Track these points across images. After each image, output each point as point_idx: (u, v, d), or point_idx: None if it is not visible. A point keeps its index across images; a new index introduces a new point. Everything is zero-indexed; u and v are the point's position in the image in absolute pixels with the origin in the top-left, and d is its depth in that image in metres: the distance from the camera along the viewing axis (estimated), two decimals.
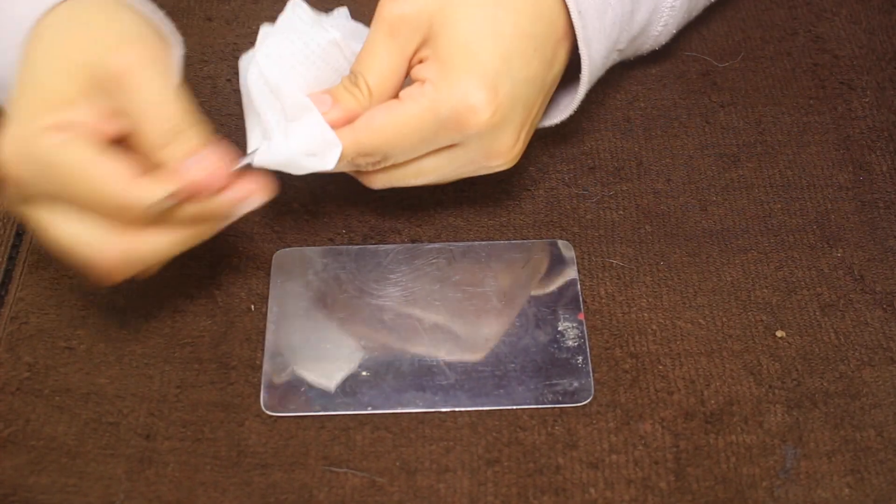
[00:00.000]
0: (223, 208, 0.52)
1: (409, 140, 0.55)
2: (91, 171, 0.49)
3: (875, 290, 0.61)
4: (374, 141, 0.54)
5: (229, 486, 0.54)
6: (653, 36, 0.66)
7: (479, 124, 0.54)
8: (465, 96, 0.53)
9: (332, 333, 0.59)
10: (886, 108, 0.70)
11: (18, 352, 0.59)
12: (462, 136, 0.55)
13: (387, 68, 0.55)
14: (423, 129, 0.54)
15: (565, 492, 0.54)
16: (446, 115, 0.54)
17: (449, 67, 0.54)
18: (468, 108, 0.53)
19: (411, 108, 0.54)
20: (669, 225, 0.64)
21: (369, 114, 0.55)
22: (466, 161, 0.57)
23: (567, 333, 0.59)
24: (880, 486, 0.54)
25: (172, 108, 0.50)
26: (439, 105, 0.54)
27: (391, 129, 0.54)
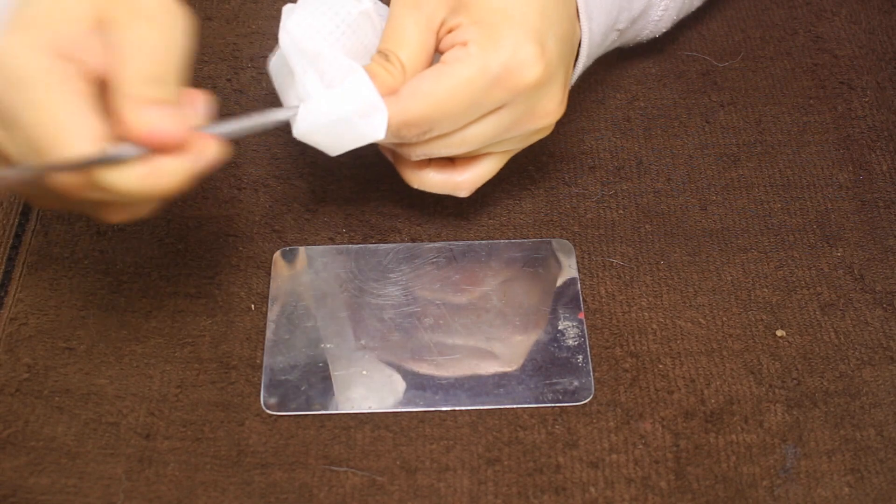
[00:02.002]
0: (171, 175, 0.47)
1: (460, 104, 0.53)
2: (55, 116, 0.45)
3: (875, 290, 0.61)
4: (423, 109, 0.53)
5: (229, 486, 0.54)
6: (652, 21, 0.66)
7: (531, 79, 0.53)
8: (514, 52, 0.52)
9: (332, 333, 0.59)
10: (886, 108, 0.70)
11: (18, 353, 0.59)
12: (512, 95, 0.53)
13: (416, 42, 0.53)
14: (474, 92, 0.52)
15: (565, 491, 0.54)
16: (497, 74, 0.52)
17: (492, 26, 0.52)
18: (519, 64, 0.52)
19: (461, 71, 0.52)
20: (669, 224, 0.64)
21: (414, 81, 0.53)
22: (512, 124, 0.55)
23: (567, 332, 0.59)
24: (880, 486, 0.54)
25: (162, 58, 0.47)
26: (489, 64, 0.52)
27: (441, 94, 0.52)
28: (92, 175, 0.46)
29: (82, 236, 0.63)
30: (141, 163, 0.46)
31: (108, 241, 0.63)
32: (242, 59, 0.72)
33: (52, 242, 0.63)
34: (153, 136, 0.46)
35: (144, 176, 0.46)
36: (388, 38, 0.54)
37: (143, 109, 0.46)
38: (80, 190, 0.46)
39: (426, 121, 0.53)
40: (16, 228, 0.64)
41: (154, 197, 0.48)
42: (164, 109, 0.46)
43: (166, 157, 0.46)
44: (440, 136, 0.55)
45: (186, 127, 0.47)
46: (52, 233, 0.63)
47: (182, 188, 0.47)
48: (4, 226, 0.64)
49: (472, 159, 0.59)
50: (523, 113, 0.55)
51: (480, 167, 0.59)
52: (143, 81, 0.46)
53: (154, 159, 0.46)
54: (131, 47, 0.46)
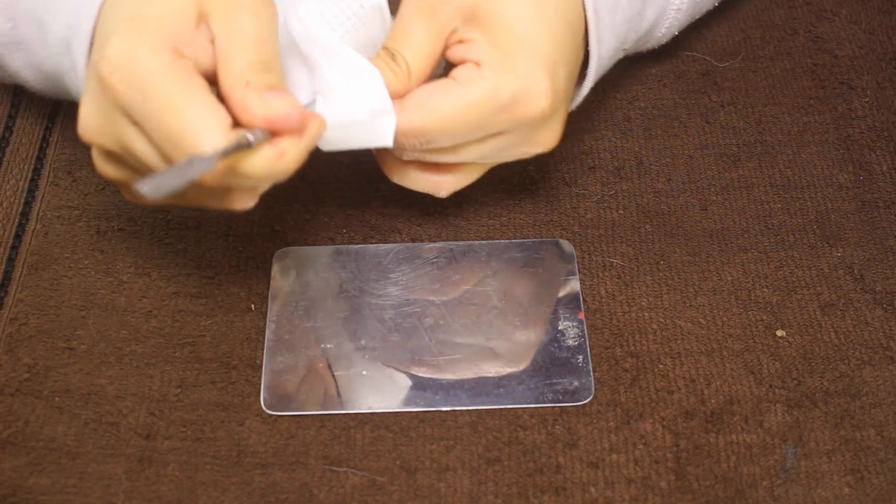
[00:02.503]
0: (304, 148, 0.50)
1: (465, 125, 0.52)
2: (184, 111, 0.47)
3: (875, 290, 0.61)
4: (427, 122, 0.52)
5: (230, 486, 0.54)
6: (656, 37, 0.66)
7: (538, 112, 0.52)
8: (526, 82, 0.52)
9: (332, 333, 0.59)
10: (886, 108, 0.70)
11: (18, 353, 0.58)
12: (516, 124, 0.53)
13: (424, 47, 0.53)
14: (481, 115, 0.52)
15: (565, 491, 0.54)
16: (506, 102, 0.52)
17: (507, 52, 0.52)
18: (529, 95, 0.52)
19: (472, 92, 0.52)
20: (669, 224, 0.64)
21: (423, 94, 0.53)
22: (508, 147, 0.55)
23: (567, 333, 0.59)
24: (880, 486, 0.54)
25: (267, 47, 0.49)
26: (500, 91, 0.52)
27: (448, 111, 0.52)
28: (229, 163, 0.47)
29: (82, 236, 0.63)
30: (268, 146, 0.48)
31: (108, 241, 0.63)
32: None
33: (52, 242, 0.63)
34: (281, 120, 0.48)
35: (274, 158, 0.48)
36: (396, 36, 0.53)
37: (266, 96, 0.47)
38: (219, 178, 0.48)
39: (428, 134, 0.53)
40: (16, 228, 0.64)
41: (279, 177, 0.50)
42: (282, 95, 0.48)
43: (288, 139, 0.48)
44: (436, 149, 0.55)
45: (302, 110, 0.48)
46: (52, 233, 0.63)
47: (299, 166, 0.50)
48: (4, 226, 0.64)
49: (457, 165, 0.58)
50: (522, 140, 0.55)
51: (463, 173, 0.58)
52: (256, 69, 0.48)
53: (279, 142, 0.48)
54: (239, 39, 0.48)
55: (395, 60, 0.53)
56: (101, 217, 0.64)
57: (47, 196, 0.65)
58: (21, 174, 0.66)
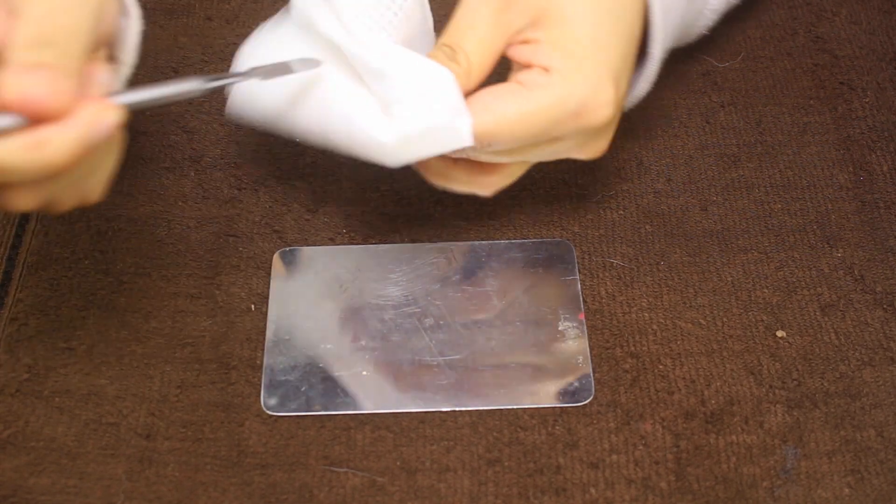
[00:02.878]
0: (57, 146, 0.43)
1: (530, 130, 0.51)
2: None
3: (875, 290, 0.61)
4: (493, 127, 0.51)
5: (230, 486, 0.54)
6: (690, 35, 0.65)
7: (602, 121, 0.52)
8: (595, 91, 0.51)
9: (332, 333, 0.59)
10: (886, 108, 0.70)
11: (18, 353, 0.58)
12: (577, 131, 0.53)
13: (489, 44, 0.51)
14: (548, 121, 0.51)
15: (566, 492, 0.54)
16: (574, 109, 0.51)
17: (577, 59, 0.51)
18: (597, 104, 0.51)
19: (541, 98, 0.51)
20: (670, 225, 0.64)
21: (489, 97, 0.51)
22: (563, 151, 0.55)
23: (567, 333, 0.59)
24: (880, 486, 0.54)
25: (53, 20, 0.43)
26: (569, 98, 0.51)
27: (516, 116, 0.51)
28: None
29: (82, 236, 0.63)
30: (21, 134, 0.42)
31: (108, 241, 0.63)
32: None
33: (52, 242, 0.63)
34: (25, 101, 0.42)
35: (26, 147, 0.42)
36: (458, 31, 0.52)
37: (23, 74, 0.42)
38: None
39: (493, 137, 0.52)
40: (16, 228, 0.63)
41: (42, 171, 0.43)
42: (42, 73, 0.42)
43: (52, 126, 0.42)
44: (494, 151, 0.54)
45: (67, 92, 0.43)
46: (51, 233, 0.63)
47: (74, 160, 0.43)
48: (4, 226, 0.64)
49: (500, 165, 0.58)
50: (577, 145, 0.55)
51: (508, 170, 0.58)
52: (27, 46, 0.42)
53: (37, 130, 0.42)
54: (23, 13, 0.43)
55: (454, 59, 0.51)
56: (101, 217, 0.64)
57: None
58: None
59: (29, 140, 0.42)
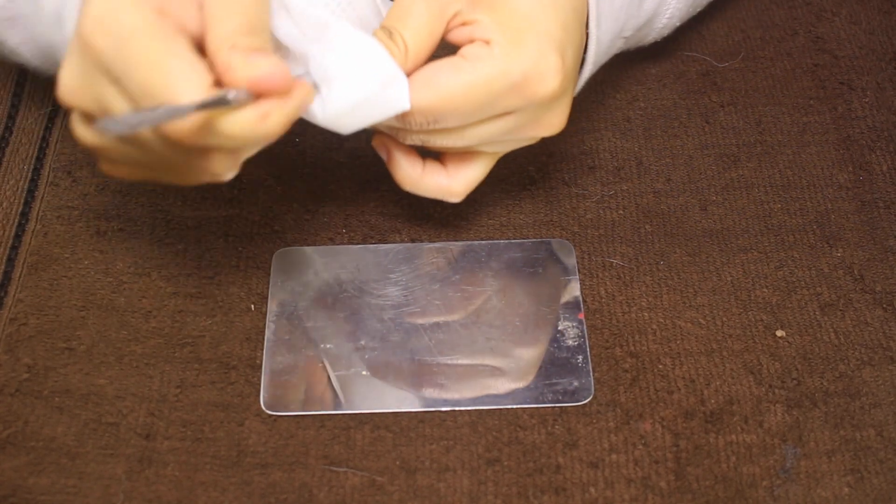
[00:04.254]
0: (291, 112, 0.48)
1: (474, 103, 0.52)
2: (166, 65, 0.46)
3: (875, 290, 0.61)
4: (435, 100, 0.52)
5: (229, 486, 0.54)
6: (657, 28, 0.66)
7: (549, 91, 0.52)
8: (537, 61, 0.51)
9: (332, 333, 0.59)
10: (886, 108, 0.70)
11: (18, 353, 0.59)
12: (525, 103, 0.53)
13: (425, 28, 0.52)
14: (491, 93, 0.52)
15: (565, 491, 0.54)
16: (516, 80, 0.51)
17: (518, 31, 0.52)
18: (540, 74, 0.52)
19: (482, 69, 0.51)
20: (669, 224, 0.64)
21: (430, 71, 0.52)
22: (516, 129, 0.55)
23: (567, 333, 0.59)
24: (880, 486, 0.54)
25: (254, 10, 0.48)
26: (511, 68, 0.51)
27: (457, 89, 0.51)
28: (208, 120, 0.46)
29: (82, 236, 0.63)
30: (251, 107, 0.47)
31: (108, 241, 0.63)
32: None
33: (52, 242, 0.63)
34: (264, 81, 0.46)
35: (256, 119, 0.47)
36: (394, 16, 0.53)
37: (250, 57, 0.46)
38: (194, 136, 0.47)
39: (436, 112, 0.52)
40: (16, 228, 0.64)
41: (261, 141, 0.49)
42: (267, 56, 0.47)
43: (272, 101, 0.47)
44: (442, 129, 0.54)
45: (288, 73, 0.47)
46: (51, 233, 0.63)
47: (283, 131, 0.48)
48: (4, 226, 0.64)
49: (463, 163, 0.58)
50: (529, 121, 0.55)
51: (471, 171, 0.58)
52: (243, 32, 0.47)
53: (262, 104, 0.47)
54: (226, 3, 0.47)
55: (392, 39, 0.52)
56: (101, 217, 0.64)
57: (47, 196, 0.65)
58: (21, 174, 0.66)
59: (258, 112, 0.47)
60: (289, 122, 0.48)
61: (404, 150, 0.58)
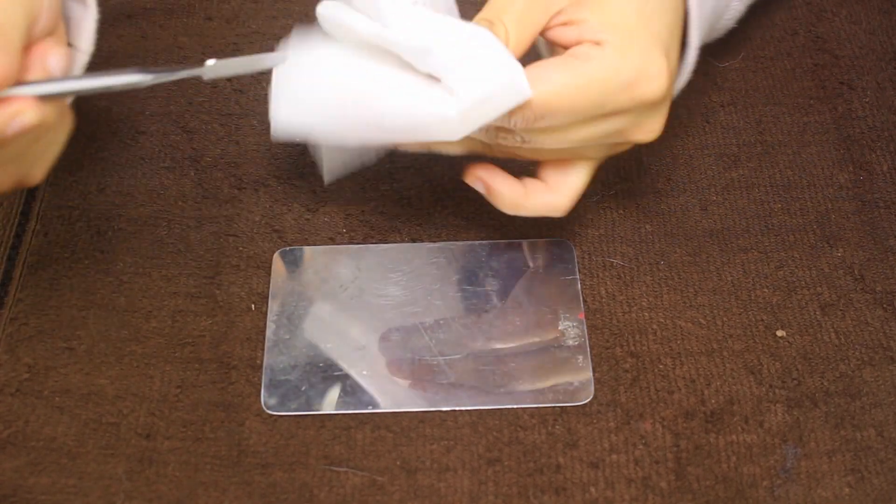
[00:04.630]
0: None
1: (585, 101, 0.51)
2: None
3: (875, 290, 0.61)
4: (547, 96, 0.51)
5: (230, 486, 0.54)
6: (718, 29, 0.65)
7: (656, 92, 0.52)
8: (647, 62, 0.51)
9: (332, 333, 0.59)
10: (886, 108, 0.70)
11: (18, 353, 0.58)
12: (633, 105, 0.52)
13: (527, 20, 0.52)
14: (603, 93, 0.51)
15: (566, 491, 0.54)
16: (627, 80, 0.51)
17: (628, 32, 0.52)
18: (649, 76, 0.52)
19: (595, 68, 0.51)
20: (670, 224, 0.64)
21: (541, 68, 0.51)
22: (617, 131, 0.54)
23: (567, 333, 0.59)
24: (880, 486, 0.54)
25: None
26: (623, 68, 0.51)
27: (571, 86, 0.51)
28: None
29: (82, 236, 0.63)
30: None
31: (108, 241, 0.63)
32: None
33: (52, 242, 0.63)
34: None
35: None
36: (495, 6, 0.52)
37: None
38: None
39: (545, 109, 0.51)
40: (16, 228, 0.64)
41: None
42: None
43: None
44: (546, 128, 0.53)
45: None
46: (52, 233, 0.63)
47: None
48: (4, 226, 0.64)
49: (563, 174, 0.57)
50: (633, 124, 0.54)
51: (573, 180, 0.57)
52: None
53: None
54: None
55: (494, 30, 0.51)
56: (101, 217, 0.64)
57: (47, 196, 0.65)
58: None
59: None
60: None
61: (501, 177, 0.57)
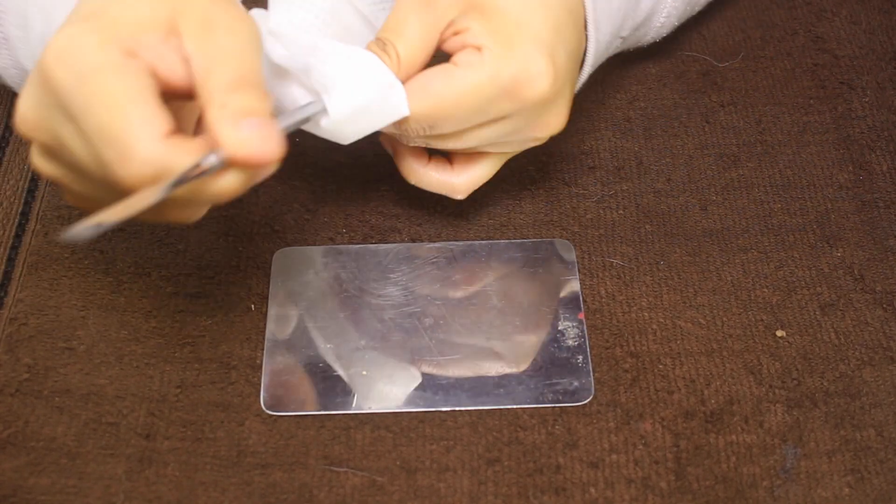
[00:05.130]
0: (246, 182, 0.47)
1: (466, 109, 0.53)
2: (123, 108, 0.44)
3: (875, 290, 0.61)
4: (428, 107, 0.52)
5: (229, 486, 0.54)
6: (654, 27, 0.66)
7: (539, 94, 0.53)
8: (526, 65, 0.52)
9: (332, 333, 0.59)
10: (886, 108, 0.70)
11: (18, 353, 0.58)
12: (518, 107, 0.53)
13: (418, 39, 0.53)
14: (482, 99, 0.52)
15: (565, 491, 0.54)
16: (506, 85, 0.52)
17: (506, 37, 0.52)
18: (529, 77, 0.52)
19: (473, 75, 0.52)
20: (669, 224, 0.64)
21: (423, 79, 0.53)
22: (513, 132, 0.55)
23: (567, 333, 0.59)
24: (880, 486, 0.54)
25: (245, 64, 0.46)
26: (500, 73, 0.52)
27: (449, 95, 0.52)
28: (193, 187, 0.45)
29: None
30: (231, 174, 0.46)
31: (108, 241, 0.63)
32: None
33: (52, 242, 0.63)
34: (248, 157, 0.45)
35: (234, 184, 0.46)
36: (390, 27, 0.53)
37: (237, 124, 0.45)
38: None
39: (430, 119, 0.53)
40: (16, 228, 0.64)
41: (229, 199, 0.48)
42: (257, 124, 0.45)
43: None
44: (440, 135, 0.55)
45: (279, 143, 0.46)
46: (52, 233, 0.63)
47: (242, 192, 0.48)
48: (4, 226, 0.64)
49: (470, 161, 0.59)
50: (525, 124, 0.55)
51: (477, 170, 0.59)
52: (233, 88, 0.45)
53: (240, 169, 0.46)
54: (215, 57, 0.46)
55: (385, 50, 0.52)
56: None
57: (47, 196, 0.65)
58: (21, 174, 0.66)
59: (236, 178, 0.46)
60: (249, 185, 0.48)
61: (410, 147, 0.58)
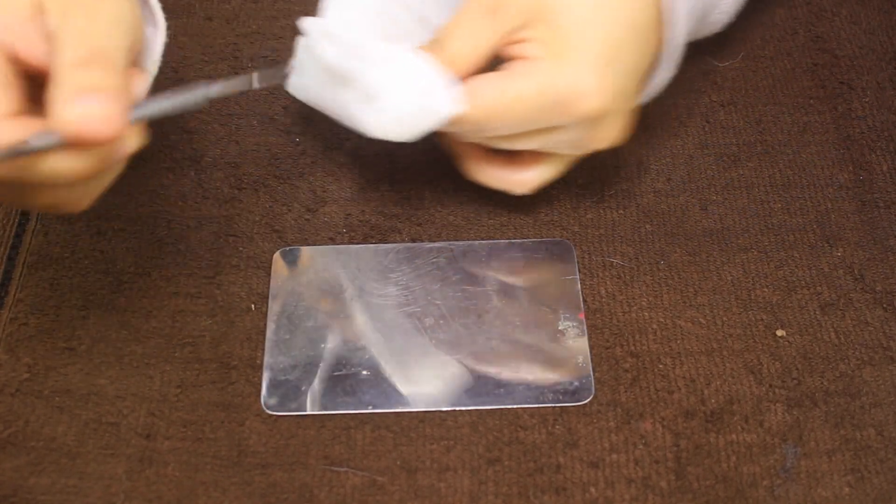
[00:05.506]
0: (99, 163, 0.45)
1: (514, 117, 0.53)
2: None
3: (875, 290, 0.61)
4: (478, 111, 0.53)
5: (230, 486, 0.54)
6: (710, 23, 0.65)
7: (587, 111, 0.53)
8: (576, 81, 0.52)
9: (332, 333, 0.59)
10: (886, 108, 0.70)
11: (18, 353, 0.58)
12: (567, 120, 0.54)
13: (476, 40, 0.53)
14: (531, 108, 0.53)
15: (566, 491, 0.54)
16: (555, 98, 0.53)
17: (561, 51, 0.53)
18: (578, 94, 0.53)
19: (523, 85, 0.52)
20: (669, 224, 0.64)
21: (476, 83, 0.53)
22: (569, 141, 0.56)
23: (567, 333, 0.59)
24: (880, 486, 0.54)
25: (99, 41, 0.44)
26: (550, 86, 0.52)
27: (499, 103, 0.53)
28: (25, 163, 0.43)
29: (82, 236, 0.63)
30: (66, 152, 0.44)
31: (108, 241, 0.63)
32: (243, 59, 0.72)
33: (52, 242, 0.63)
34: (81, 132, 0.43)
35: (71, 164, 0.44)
36: (450, 30, 0.54)
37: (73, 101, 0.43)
38: None
39: (479, 123, 0.54)
40: (16, 228, 0.63)
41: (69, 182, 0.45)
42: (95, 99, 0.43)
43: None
44: (493, 137, 0.56)
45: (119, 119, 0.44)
46: (52, 233, 0.63)
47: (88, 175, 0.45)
48: (4, 226, 0.64)
49: (536, 160, 0.59)
50: (578, 136, 0.56)
51: (543, 169, 0.59)
52: (82, 63, 0.43)
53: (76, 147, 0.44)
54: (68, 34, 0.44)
55: (438, 51, 0.53)
56: (101, 217, 0.64)
57: None
58: None
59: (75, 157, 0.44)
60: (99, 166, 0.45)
61: (468, 145, 0.59)
